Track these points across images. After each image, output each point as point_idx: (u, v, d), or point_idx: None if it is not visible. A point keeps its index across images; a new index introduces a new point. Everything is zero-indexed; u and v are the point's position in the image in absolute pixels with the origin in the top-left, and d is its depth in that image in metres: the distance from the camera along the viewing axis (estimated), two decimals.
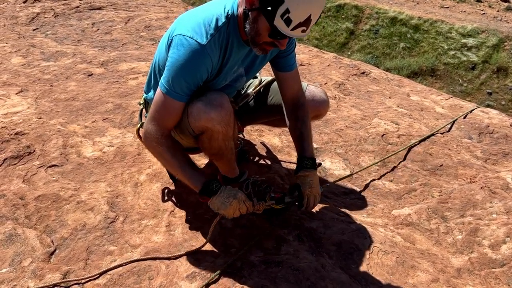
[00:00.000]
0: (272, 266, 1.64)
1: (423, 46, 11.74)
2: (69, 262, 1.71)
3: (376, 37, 12.33)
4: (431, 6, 13.14)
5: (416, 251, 1.77)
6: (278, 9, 1.36)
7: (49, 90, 2.93)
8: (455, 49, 10.98)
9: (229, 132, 1.68)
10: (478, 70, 10.54)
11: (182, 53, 1.50)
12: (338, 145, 2.52)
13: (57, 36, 4.10)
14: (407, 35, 11.98)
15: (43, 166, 2.16)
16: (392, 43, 12.06)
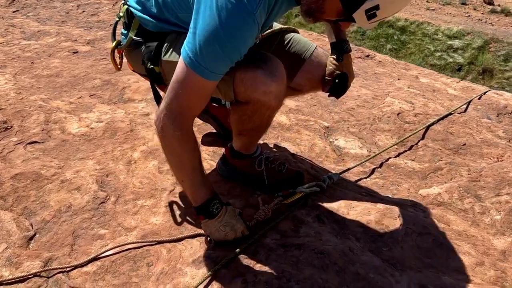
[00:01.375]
0: (292, 249, 1.40)
1: (410, 48, 11.71)
2: (51, 247, 1.45)
3: (363, 38, 12.25)
4: (417, 8, 13.15)
5: (453, 233, 1.56)
6: (365, 3, 1.10)
7: (29, 67, 2.65)
8: (442, 51, 10.97)
9: (279, 107, 1.45)
10: (464, 71, 10.53)
11: (224, 19, 1.10)
12: (350, 124, 2.30)
13: (39, 17, 3.81)
14: (394, 36, 11.94)
15: (22, 142, 1.89)
16: (379, 45, 12.00)
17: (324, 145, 2.07)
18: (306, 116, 2.33)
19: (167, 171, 1.79)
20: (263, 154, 1.69)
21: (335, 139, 2.16)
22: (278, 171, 1.68)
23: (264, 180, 1.66)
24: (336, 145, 2.11)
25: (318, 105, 2.49)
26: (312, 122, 2.26)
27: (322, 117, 2.34)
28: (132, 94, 2.33)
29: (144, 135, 1.98)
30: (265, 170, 1.65)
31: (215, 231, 1.38)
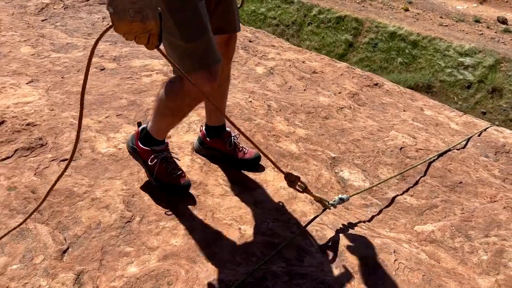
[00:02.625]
0: (296, 278, 1.58)
1: (420, 62, 11.85)
2: (82, 261, 1.63)
3: (374, 50, 12.42)
4: (430, 23, 13.28)
5: (442, 270, 1.73)
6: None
7: (60, 82, 2.84)
8: (452, 67, 11.10)
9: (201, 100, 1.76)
10: (473, 89, 10.65)
11: None
12: (355, 155, 2.48)
13: (67, 28, 4.02)
14: (405, 50, 12.09)
15: (56, 159, 2.09)
16: (390, 58, 12.16)
17: (330, 176, 2.25)
18: (314, 145, 2.50)
19: (186, 194, 1.97)
20: (164, 152, 1.92)
21: (340, 170, 2.33)
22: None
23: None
24: (341, 176, 2.28)
25: (327, 134, 2.66)
26: (320, 152, 2.44)
27: (329, 147, 2.52)
28: None
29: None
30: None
31: (121, 11, 1.14)
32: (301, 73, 3.60)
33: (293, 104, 2.96)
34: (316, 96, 3.19)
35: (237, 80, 3.25)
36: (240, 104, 2.79)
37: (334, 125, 2.80)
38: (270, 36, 4.68)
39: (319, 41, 13.33)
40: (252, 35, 4.46)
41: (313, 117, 2.85)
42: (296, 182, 1.68)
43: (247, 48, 3.91)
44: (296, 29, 14.01)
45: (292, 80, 3.42)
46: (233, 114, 2.66)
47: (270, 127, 2.58)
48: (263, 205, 1.96)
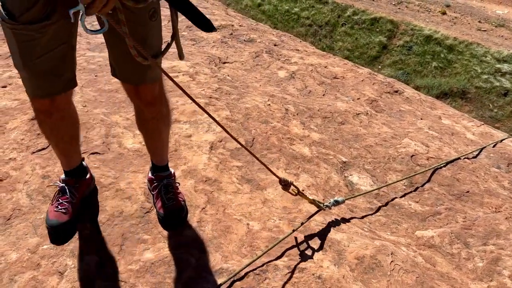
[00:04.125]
0: (296, 271, 1.72)
1: (455, 67, 11.63)
2: (105, 245, 1.82)
3: (408, 53, 12.28)
4: (468, 28, 12.99)
5: (436, 273, 1.82)
6: None
7: (93, 80, 3.07)
8: (489, 74, 10.85)
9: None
10: (510, 97, 10.38)
11: None
12: (366, 161, 2.58)
13: None
14: (440, 54, 11.90)
15: (86, 152, 2.29)
16: (424, 61, 11.99)
17: (338, 180, 2.37)
18: (327, 149, 2.62)
19: (201, 190, 2.14)
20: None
21: (350, 174, 2.44)
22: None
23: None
24: (350, 180, 2.39)
25: (340, 139, 2.77)
26: (332, 156, 2.55)
27: (341, 152, 2.63)
28: (178, 115, 2.70)
29: (186, 156, 2.34)
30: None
31: None
32: (322, 78, 3.71)
33: (311, 109, 3.08)
34: (334, 101, 3.30)
35: (258, 83, 3.39)
36: (258, 107, 2.94)
37: (349, 131, 2.90)
38: (295, 40, 4.81)
39: (352, 42, 13.29)
40: (278, 38, 4.59)
41: (329, 122, 2.96)
42: (290, 186, 1.82)
43: (271, 52, 4.05)
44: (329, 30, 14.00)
45: (312, 85, 3.53)
46: (251, 116, 2.81)
47: (285, 130, 2.72)
48: (271, 204, 2.10)
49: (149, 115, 1.67)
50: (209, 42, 4.11)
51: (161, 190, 1.89)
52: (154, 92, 1.60)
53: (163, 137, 1.82)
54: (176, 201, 1.89)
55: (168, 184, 1.90)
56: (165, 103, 1.71)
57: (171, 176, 1.94)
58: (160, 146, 1.86)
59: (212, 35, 4.25)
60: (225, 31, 4.43)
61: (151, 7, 1.35)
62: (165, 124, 1.77)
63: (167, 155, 1.95)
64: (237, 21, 4.89)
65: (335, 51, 12.14)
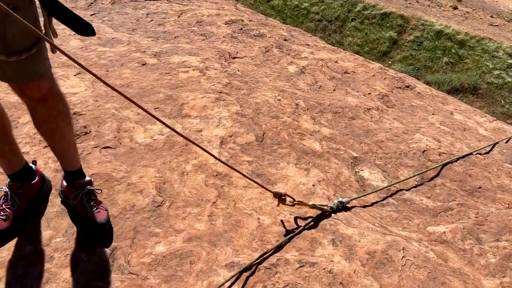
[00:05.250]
0: (307, 266, 1.72)
1: (467, 63, 11.51)
2: (117, 238, 1.83)
3: (419, 49, 12.17)
4: (480, 23, 12.84)
5: (448, 269, 1.81)
6: None
7: (105, 75, 3.09)
8: (501, 69, 10.73)
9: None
10: None
11: None
12: (377, 156, 2.56)
13: (113, 23, 4.29)
14: (451, 50, 11.78)
15: (98, 146, 2.31)
16: (435, 57, 11.89)
17: (349, 175, 2.36)
18: (337, 144, 2.61)
19: (211, 184, 2.15)
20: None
21: (361, 169, 2.43)
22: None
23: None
24: (361, 175, 2.38)
25: (351, 134, 2.76)
26: (342, 151, 2.54)
27: (352, 147, 2.62)
28: (189, 110, 2.71)
29: (196, 150, 2.35)
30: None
31: None
32: (332, 73, 3.69)
33: (321, 104, 3.07)
34: (345, 96, 3.28)
35: (268, 78, 3.39)
36: (269, 102, 2.93)
37: (360, 126, 2.88)
38: (306, 35, 4.78)
39: (362, 37, 13.21)
40: (288, 33, 4.57)
41: (340, 117, 2.95)
42: (285, 198, 1.83)
43: (281, 47, 4.04)
44: (339, 25, 13.92)
45: (322, 80, 3.52)
46: (261, 111, 2.81)
47: (295, 125, 2.71)
48: None
49: (45, 112, 1.57)
50: (219, 37, 4.11)
51: (82, 198, 1.78)
52: (41, 88, 1.50)
53: (65, 136, 1.71)
54: (100, 208, 1.80)
55: (90, 192, 1.82)
56: (60, 99, 1.60)
57: (91, 183, 1.85)
58: (66, 147, 1.75)
59: (222, 30, 4.25)
60: (235, 26, 4.42)
61: (10, 3, 1.21)
62: (65, 122, 1.65)
63: (77, 157, 1.83)
64: (247, 16, 4.88)
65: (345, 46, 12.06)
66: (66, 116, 1.65)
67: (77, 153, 1.83)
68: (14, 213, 1.76)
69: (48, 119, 1.59)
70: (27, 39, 1.39)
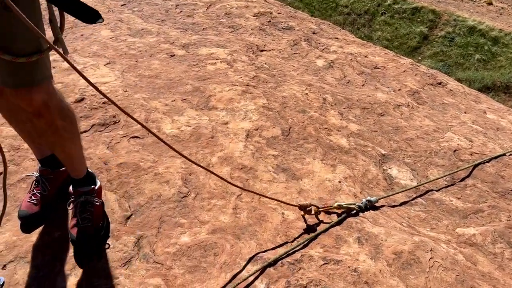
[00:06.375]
0: (331, 263, 1.70)
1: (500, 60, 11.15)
2: (143, 227, 1.86)
3: (450, 45, 11.86)
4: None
5: (477, 272, 1.76)
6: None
7: (134, 66, 3.12)
8: None
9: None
10: None
11: None
12: (407, 154, 2.50)
13: (142, 14, 4.33)
14: (484, 46, 11.43)
15: (126, 136, 2.34)
16: (467, 53, 11.56)
17: (377, 173, 2.31)
18: (365, 141, 2.56)
19: (237, 177, 2.15)
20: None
21: (389, 167, 2.38)
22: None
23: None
24: (389, 173, 2.33)
25: (380, 131, 2.71)
26: (370, 148, 2.50)
27: (380, 144, 2.57)
28: (216, 102, 2.71)
29: (222, 143, 2.35)
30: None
31: None
32: (361, 67, 3.62)
33: (349, 99, 3.02)
34: (374, 92, 3.22)
35: (296, 72, 3.35)
36: (296, 96, 2.90)
37: (389, 123, 2.82)
38: (335, 28, 4.71)
39: (391, 32, 12.96)
40: (317, 26, 4.51)
41: (368, 113, 2.89)
42: (311, 209, 1.86)
43: (310, 40, 3.99)
44: (368, 19, 13.69)
45: (351, 75, 3.46)
46: (288, 105, 2.79)
47: (322, 120, 2.68)
48: (307, 194, 2.08)
49: (42, 126, 1.44)
50: (247, 29, 4.09)
51: (77, 207, 1.67)
52: (33, 101, 1.34)
53: (66, 149, 1.58)
54: (92, 222, 1.66)
55: (87, 201, 1.68)
56: (60, 115, 1.45)
57: (92, 192, 1.71)
58: (68, 158, 1.63)
59: (250, 22, 4.22)
60: (263, 19, 4.39)
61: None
62: (64, 137, 1.51)
63: (83, 167, 1.71)
64: (275, 8, 4.84)
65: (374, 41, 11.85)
66: (67, 131, 1.51)
67: (83, 161, 1.70)
68: (45, 198, 1.79)
69: (46, 133, 1.47)
70: (32, 42, 1.25)
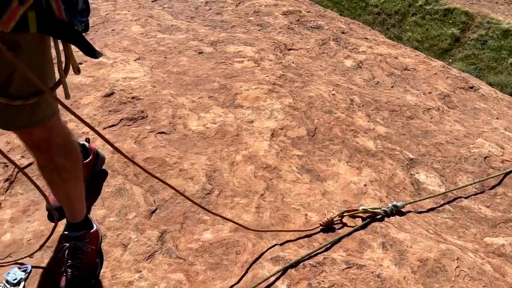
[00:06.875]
0: (354, 267, 1.68)
1: None
2: (167, 222, 1.88)
3: (483, 48, 11.51)
4: None
5: (506, 284, 1.70)
6: None
7: (163, 62, 3.16)
8: None
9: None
10: None
11: None
12: (435, 159, 2.44)
13: (173, 10, 4.37)
14: None
15: (154, 131, 2.37)
16: (500, 57, 11.20)
17: (404, 177, 2.27)
18: (393, 144, 2.51)
19: (260, 176, 2.14)
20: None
21: (417, 172, 2.33)
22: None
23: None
24: (416, 178, 2.28)
25: (408, 134, 2.65)
26: (398, 152, 2.45)
27: (408, 148, 2.51)
28: (242, 100, 2.71)
29: (247, 141, 2.35)
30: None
31: None
32: (391, 69, 3.56)
33: (377, 101, 2.97)
34: (404, 94, 3.15)
35: (323, 72, 3.32)
36: (322, 96, 2.87)
37: (418, 126, 2.76)
38: (365, 28, 4.64)
39: (422, 33, 12.68)
40: (346, 26, 4.45)
41: (397, 116, 2.84)
42: (333, 220, 1.86)
43: (339, 40, 3.94)
44: (399, 19, 13.44)
45: (380, 76, 3.40)
46: (314, 105, 2.76)
47: (349, 122, 2.64)
48: (331, 196, 2.06)
49: (41, 161, 1.38)
50: (275, 28, 4.07)
51: (64, 253, 1.55)
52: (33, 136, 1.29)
53: (65, 191, 1.50)
54: (80, 271, 1.53)
55: (76, 247, 1.54)
56: (62, 153, 1.38)
57: (83, 237, 1.57)
58: (66, 200, 1.54)
59: (278, 21, 4.21)
60: (292, 17, 4.37)
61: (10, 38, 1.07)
62: (63, 178, 1.42)
63: (80, 212, 1.59)
64: (305, 7, 4.80)
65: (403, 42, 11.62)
66: (67, 171, 1.41)
67: (82, 206, 1.60)
68: None
69: (44, 168, 1.41)
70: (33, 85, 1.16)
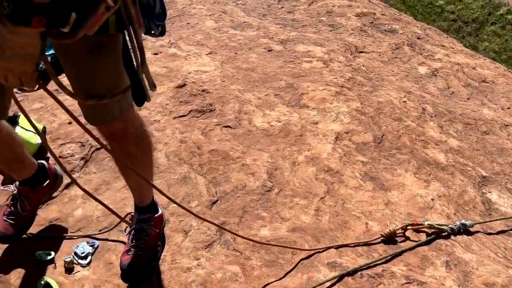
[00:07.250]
0: (414, 283, 1.61)
1: None
2: (226, 214, 1.91)
3: None
4: None
5: None
6: None
7: (233, 57, 3.21)
8: None
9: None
10: None
11: None
12: (510, 179, 2.28)
13: (246, 7, 4.43)
14: None
15: (220, 124, 2.42)
16: None
17: (475, 195, 2.14)
18: (465, 159, 2.38)
19: (321, 179, 2.12)
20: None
21: (489, 191, 2.19)
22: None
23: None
24: (488, 198, 2.15)
25: (482, 150, 2.50)
26: (470, 168, 2.32)
27: (482, 165, 2.37)
28: (308, 101, 2.69)
29: (310, 142, 2.33)
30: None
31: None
32: (468, 79, 3.37)
33: (451, 112, 2.82)
34: (480, 107, 2.97)
35: (395, 77, 3.21)
36: (392, 102, 2.78)
37: (494, 142, 2.60)
38: (442, 35, 4.43)
39: (500, 44, 11.88)
40: (422, 31, 4.28)
41: (471, 130, 2.69)
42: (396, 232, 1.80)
43: (413, 45, 3.79)
44: (476, 28, 12.69)
45: (456, 86, 3.23)
46: (383, 111, 2.68)
47: (419, 131, 2.54)
48: (394, 207, 1.99)
49: (114, 147, 1.44)
50: (347, 29, 4.00)
51: (130, 233, 1.64)
52: (110, 128, 1.36)
53: (133, 177, 1.54)
54: (143, 251, 1.60)
55: (141, 229, 1.63)
56: (135, 143, 1.44)
57: (149, 220, 1.65)
58: (135, 186, 1.60)
59: (351, 22, 4.12)
60: (366, 19, 4.26)
61: (92, 40, 1.08)
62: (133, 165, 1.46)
63: (148, 197, 1.65)
64: (379, 9, 4.67)
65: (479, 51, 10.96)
66: (138, 159, 1.47)
67: (150, 191, 1.66)
68: (22, 218, 1.69)
69: (117, 156, 1.48)
70: (116, 83, 1.21)
